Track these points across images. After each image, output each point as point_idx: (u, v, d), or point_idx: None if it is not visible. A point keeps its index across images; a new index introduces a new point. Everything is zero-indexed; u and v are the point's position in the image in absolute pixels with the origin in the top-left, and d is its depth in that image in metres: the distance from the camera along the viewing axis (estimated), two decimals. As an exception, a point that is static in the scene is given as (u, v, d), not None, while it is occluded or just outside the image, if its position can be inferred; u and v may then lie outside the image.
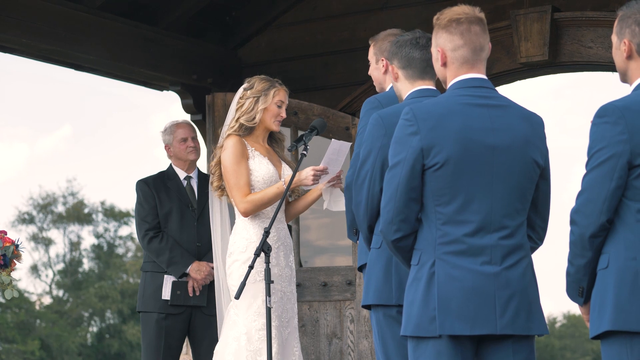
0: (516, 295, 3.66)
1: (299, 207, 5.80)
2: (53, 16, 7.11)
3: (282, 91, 5.75)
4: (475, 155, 3.68)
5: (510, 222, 3.71)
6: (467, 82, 3.79)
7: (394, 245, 3.79)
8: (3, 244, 5.44)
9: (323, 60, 8.07)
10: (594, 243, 3.55)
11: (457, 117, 3.70)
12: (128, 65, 7.70)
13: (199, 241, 6.67)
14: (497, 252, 3.68)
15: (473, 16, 3.81)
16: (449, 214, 3.69)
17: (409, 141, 3.71)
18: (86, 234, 41.74)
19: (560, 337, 44.66)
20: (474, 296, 3.63)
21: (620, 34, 3.69)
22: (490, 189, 3.69)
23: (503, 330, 3.63)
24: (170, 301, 6.61)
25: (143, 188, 6.79)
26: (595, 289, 3.56)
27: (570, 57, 7.14)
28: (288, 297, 5.66)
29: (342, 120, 7.46)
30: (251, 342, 5.45)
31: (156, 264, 6.67)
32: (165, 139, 6.89)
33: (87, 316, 38.72)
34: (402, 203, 3.73)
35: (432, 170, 3.69)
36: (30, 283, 40.01)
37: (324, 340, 7.45)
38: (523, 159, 3.74)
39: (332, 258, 7.79)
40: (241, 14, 8.31)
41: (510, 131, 3.73)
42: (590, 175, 3.55)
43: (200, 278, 6.57)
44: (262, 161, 5.66)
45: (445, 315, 3.62)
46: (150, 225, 6.70)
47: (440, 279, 3.65)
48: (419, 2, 7.69)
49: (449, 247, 3.68)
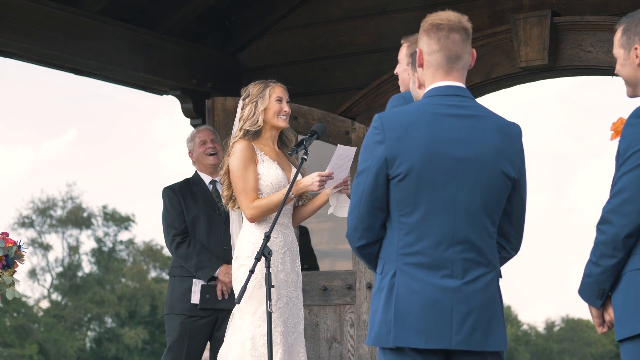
0: (475, 311, 3.61)
1: (307, 211, 5.79)
2: (53, 21, 7.12)
3: (278, 87, 5.73)
4: (440, 166, 3.63)
5: (475, 235, 3.65)
6: (440, 90, 3.74)
7: (359, 252, 3.77)
8: (5, 245, 5.46)
9: (322, 64, 8.07)
10: (627, 243, 3.52)
11: (424, 127, 3.65)
12: (128, 69, 7.70)
13: (226, 244, 6.67)
14: (459, 265, 3.62)
15: (455, 24, 3.77)
16: (412, 224, 3.64)
17: (374, 150, 3.68)
18: (85, 238, 41.78)
19: (558, 341, 44.67)
20: (431, 310, 3.59)
21: (628, 44, 3.67)
22: (454, 201, 3.64)
23: (458, 346, 3.59)
24: (200, 305, 6.66)
25: (169, 194, 6.83)
26: (624, 291, 3.53)
27: (570, 61, 7.14)
28: (294, 303, 5.64)
29: (342, 124, 7.47)
30: (256, 347, 5.43)
31: (184, 268, 6.70)
32: (189, 146, 6.97)
33: (86, 320, 38.71)
34: (365, 211, 3.70)
35: (396, 180, 3.65)
36: (29, 287, 39.97)
37: (324, 344, 7.44)
38: (491, 171, 3.67)
39: (333, 262, 7.79)
40: (241, 19, 8.32)
41: (479, 143, 3.67)
42: (630, 175, 3.51)
43: (229, 281, 6.57)
44: (271, 166, 5.64)
45: (401, 327, 3.60)
46: (177, 230, 6.73)
47: (399, 290, 3.62)
48: (419, 6, 7.69)
49: (410, 259, 3.64)
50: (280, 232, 5.60)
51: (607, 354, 43.25)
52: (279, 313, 5.51)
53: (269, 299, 5.16)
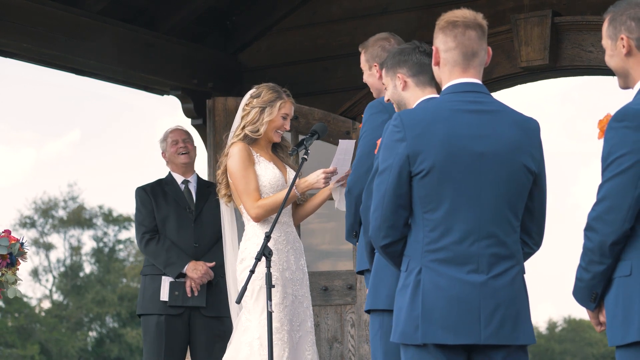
0: (502, 305, 3.63)
1: (308, 209, 5.79)
2: (53, 21, 7.12)
3: (289, 104, 5.72)
4: (462, 162, 3.66)
5: (499, 230, 3.67)
6: (458, 87, 3.77)
7: (383, 251, 3.78)
8: (9, 242, 5.47)
9: (323, 64, 8.07)
10: (614, 250, 3.47)
11: (444, 124, 3.68)
12: (129, 69, 7.71)
13: (196, 242, 6.71)
14: (484, 260, 3.64)
15: (471, 21, 3.80)
16: (436, 220, 3.66)
17: (395, 148, 3.70)
18: (87, 238, 41.80)
19: (560, 342, 44.63)
20: (458, 305, 3.60)
21: (614, 34, 3.62)
22: (477, 196, 3.66)
23: (487, 340, 3.60)
24: (169, 302, 6.63)
25: (141, 194, 6.88)
26: (614, 297, 3.49)
27: (570, 61, 7.14)
28: (300, 301, 5.65)
29: (343, 124, 7.47)
30: (264, 347, 5.41)
31: (155, 267, 6.70)
32: (161, 146, 6.99)
33: (87, 321, 38.71)
34: (389, 210, 3.72)
35: (419, 177, 3.67)
36: (30, 287, 39.99)
37: (325, 344, 7.45)
38: (513, 165, 3.70)
39: (335, 263, 7.79)
40: (241, 19, 8.32)
41: (499, 137, 3.70)
42: (613, 182, 3.45)
43: (197, 277, 6.59)
44: (267, 166, 5.66)
45: (429, 324, 3.60)
46: (147, 228, 6.76)
47: (425, 287, 3.63)
48: (419, 6, 7.69)
49: (435, 255, 3.65)
50: (283, 231, 5.62)
51: (609, 354, 43.24)
52: (285, 312, 5.52)
53: (270, 299, 5.17)
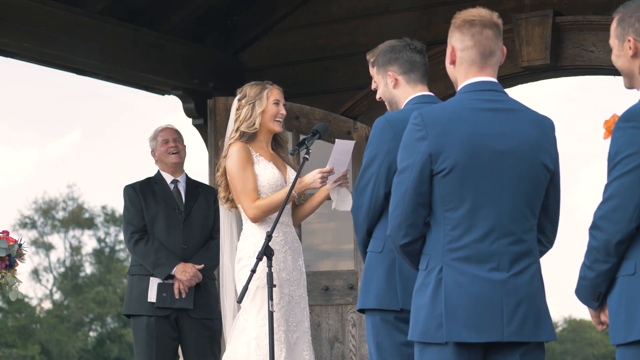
0: (524, 302, 3.64)
1: (306, 210, 5.79)
2: (54, 21, 7.12)
3: (275, 89, 5.74)
4: (483, 160, 3.66)
5: (519, 227, 3.68)
6: (476, 86, 3.78)
7: (402, 250, 3.78)
8: (8, 244, 5.47)
9: (324, 64, 8.07)
10: (619, 249, 3.48)
11: (465, 122, 3.68)
12: (129, 69, 7.70)
13: (185, 243, 6.68)
14: (505, 258, 3.65)
15: (488, 20, 3.82)
16: (458, 219, 3.66)
17: (417, 146, 3.70)
18: (87, 238, 41.80)
19: (561, 342, 44.62)
20: (480, 303, 3.61)
21: (622, 35, 3.64)
22: (498, 194, 3.67)
23: (510, 338, 3.61)
24: (156, 303, 6.61)
25: (130, 193, 6.82)
26: (618, 295, 3.50)
27: (572, 61, 7.13)
28: (297, 301, 5.64)
29: (344, 124, 7.47)
30: (261, 347, 5.42)
31: (143, 267, 6.67)
32: (151, 144, 6.95)
33: (88, 321, 38.72)
34: (410, 208, 3.72)
35: (441, 175, 3.67)
36: (31, 288, 40.00)
37: (326, 344, 7.44)
38: (532, 163, 3.72)
39: (336, 262, 7.78)
40: (242, 19, 8.32)
41: (519, 135, 3.71)
42: (620, 181, 3.47)
43: (186, 279, 6.57)
44: (267, 166, 5.65)
45: (453, 322, 3.61)
46: (135, 227, 6.72)
47: (447, 285, 3.63)
48: (420, 6, 7.68)
49: (456, 253, 3.66)
50: (281, 231, 5.61)
51: (610, 354, 43.24)
52: (281, 312, 5.52)
53: (271, 299, 5.16)
